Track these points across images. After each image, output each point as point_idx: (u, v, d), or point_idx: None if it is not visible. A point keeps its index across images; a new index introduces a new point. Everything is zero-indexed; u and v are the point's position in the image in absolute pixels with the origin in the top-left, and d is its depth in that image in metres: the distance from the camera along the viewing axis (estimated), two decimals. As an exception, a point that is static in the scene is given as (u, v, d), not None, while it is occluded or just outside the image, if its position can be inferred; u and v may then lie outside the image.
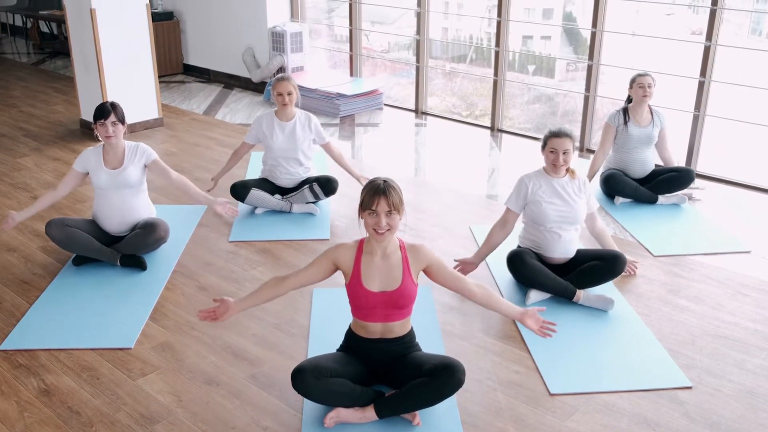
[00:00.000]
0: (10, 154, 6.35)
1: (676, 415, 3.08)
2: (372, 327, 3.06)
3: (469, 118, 7.72)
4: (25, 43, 11.72)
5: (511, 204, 4.05)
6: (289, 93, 4.97)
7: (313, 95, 7.68)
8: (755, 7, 6.90)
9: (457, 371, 2.91)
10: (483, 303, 3.14)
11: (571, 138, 3.91)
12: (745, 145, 6.74)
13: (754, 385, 3.28)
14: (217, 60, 9.09)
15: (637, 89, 5.21)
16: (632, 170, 5.31)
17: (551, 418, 3.06)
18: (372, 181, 2.96)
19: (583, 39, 7.34)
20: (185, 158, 6.27)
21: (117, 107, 4.21)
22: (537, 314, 3.12)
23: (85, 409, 3.10)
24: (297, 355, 3.47)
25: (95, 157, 4.28)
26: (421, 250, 3.06)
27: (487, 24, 8.10)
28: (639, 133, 5.23)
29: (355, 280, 3.01)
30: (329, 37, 9.47)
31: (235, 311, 3.06)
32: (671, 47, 6.31)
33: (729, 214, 5.15)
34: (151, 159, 4.35)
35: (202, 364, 3.42)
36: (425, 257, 3.06)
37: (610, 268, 3.93)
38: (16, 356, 3.48)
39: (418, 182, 5.84)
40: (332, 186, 5.06)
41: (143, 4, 6.76)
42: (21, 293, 4.05)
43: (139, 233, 4.26)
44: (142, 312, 3.84)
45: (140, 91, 6.94)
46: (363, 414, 2.96)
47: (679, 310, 3.91)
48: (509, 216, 4.06)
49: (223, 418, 3.05)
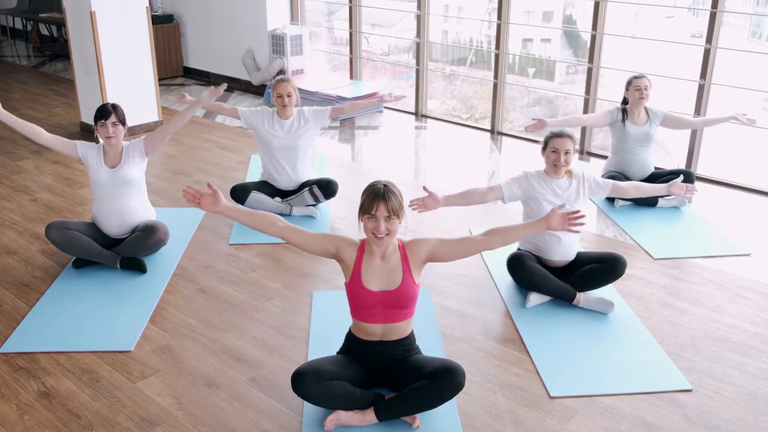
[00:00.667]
0: (10, 157, 6.35)
1: (676, 418, 3.08)
2: (372, 329, 3.06)
3: (469, 121, 7.72)
4: (25, 45, 11.73)
5: (504, 185, 4.00)
6: (289, 94, 4.97)
7: (313, 98, 7.69)
8: (755, 9, 6.89)
9: (457, 374, 2.90)
10: (505, 243, 3.10)
11: (571, 139, 3.92)
12: (745, 147, 6.75)
13: (754, 388, 3.28)
14: (217, 63, 9.10)
15: (633, 92, 5.22)
16: (632, 172, 5.31)
17: (551, 421, 3.06)
18: (372, 184, 2.96)
19: (583, 42, 7.35)
20: (185, 161, 6.27)
21: (118, 108, 4.22)
22: (558, 213, 3.06)
23: (85, 412, 3.10)
24: (297, 357, 3.47)
25: (96, 154, 4.27)
26: (418, 243, 3.06)
27: (487, 27, 8.10)
28: (637, 132, 5.24)
29: (356, 279, 3.01)
30: (329, 40, 9.48)
31: (221, 211, 3.00)
32: (671, 50, 6.31)
33: (729, 217, 5.16)
34: (142, 142, 4.31)
35: (202, 366, 3.42)
36: (424, 248, 3.05)
37: (610, 271, 3.93)
38: (16, 359, 3.47)
39: (418, 185, 5.83)
40: (332, 188, 5.06)
41: (143, 6, 6.76)
42: (21, 296, 4.05)
43: (138, 236, 4.26)
44: (142, 315, 3.84)
45: (140, 93, 6.95)
46: (363, 417, 2.96)
47: (680, 312, 3.91)
48: (496, 191, 3.98)
49: (223, 420, 3.05)
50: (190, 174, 5.92)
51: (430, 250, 3.05)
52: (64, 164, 6.15)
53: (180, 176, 5.87)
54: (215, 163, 6.19)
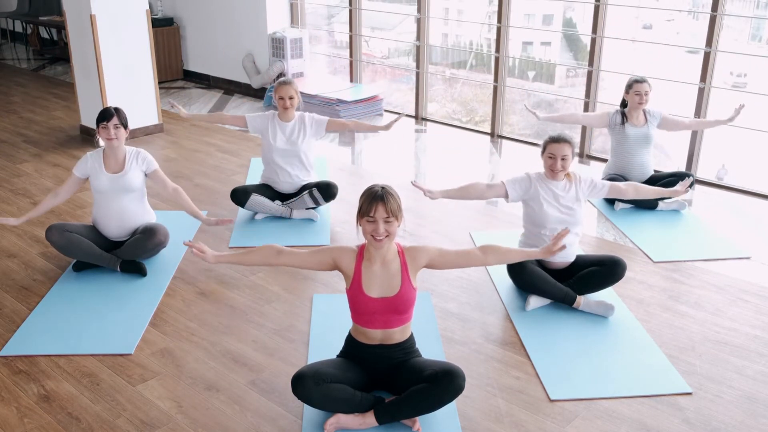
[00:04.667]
0: (10, 160, 6.35)
1: (676, 421, 3.08)
2: (372, 333, 3.06)
3: (469, 124, 7.73)
4: (25, 48, 11.74)
5: (507, 183, 4.00)
6: (291, 97, 4.98)
7: (314, 101, 7.69)
8: (755, 12, 6.90)
9: (457, 377, 2.91)
10: (502, 263, 3.17)
11: (570, 144, 3.92)
12: (745, 151, 6.75)
13: (754, 391, 3.28)
14: (217, 66, 9.10)
15: (633, 96, 5.22)
16: (631, 175, 5.32)
17: (551, 424, 3.06)
18: (370, 187, 2.96)
19: (583, 45, 7.36)
20: (185, 164, 6.28)
21: (120, 111, 4.24)
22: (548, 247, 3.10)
23: (85, 415, 3.10)
24: (297, 361, 3.47)
25: (95, 161, 4.28)
26: (419, 251, 3.06)
27: (487, 30, 8.12)
28: (636, 133, 5.25)
29: (356, 286, 3.01)
30: (329, 43, 9.49)
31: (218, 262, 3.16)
32: (671, 53, 6.32)
33: (729, 220, 5.16)
34: (152, 169, 4.36)
35: (202, 369, 3.42)
36: (424, 256, 3.06)
37: (610, 274, 3.93)
38: (16, 362, 3.47)
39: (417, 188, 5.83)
40: (332, 191, 5.06)
41: (143, 10, 6.77)
42: (21, 299, 4.05)
43: (139, 238, 4.26)
44: (142, 318, 3.84)
45: (140, 97, 6.95)
46: (363, 420, 2.96)
47: (679, 316, 3.91)
48: (498, 188, 3.99)
49: (223, 424, 3.05)
50: (191, 177, 5.92)
51: (429, 258, 3.07)
52: (64, 167, 6.15)
53: (180, 179, 5.87)
54: (215, 167, 6.19)
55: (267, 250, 3.13)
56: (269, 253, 3.12)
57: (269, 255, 3.12)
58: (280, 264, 3.12)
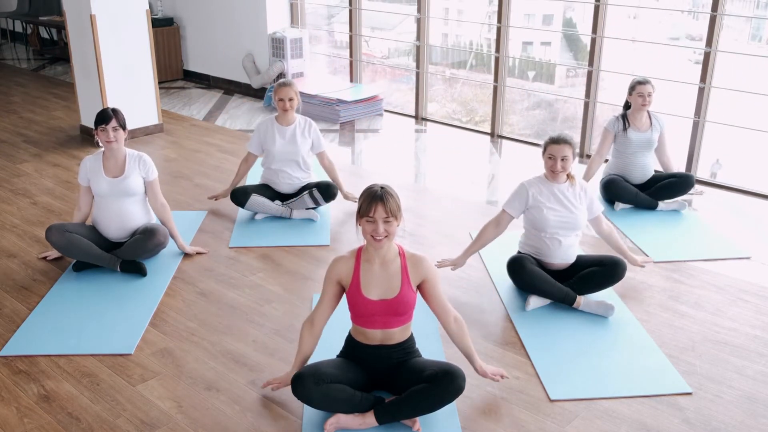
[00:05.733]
0: (10, 160, 6.35)
1: (676, 421, 3.08)
2: (372, 333, 3.06)
3: (469, 124, 7.73)
4: (25, 48, 11.74)
5: (508, 207, 4.05)
6: (291, 98, 4.98)
7: (314, 101, 7.69)
8: (755, 12, 6.89)
9: (457, 377, 2.91)
10: (454, 341, 3.17)
11: (570, 145, 3.91)
12: (745, 151, 6.75)
13: (754, 391, 3.28)
14: (217, 66, 9.10)
15: (636, 98, 5.20)
16: (632, 176, 5.31)
17: (551, 424, 3.06)
18: (369, 187, 2.96)
19: (583, 45, 7.35)
20: (185, 164, 6.27)
21: (118, 113, 4.23)
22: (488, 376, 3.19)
23: (85, 415, 3.10)
24: (297, 361, 3.47)
25: (94, 164, 4.28)
26: (422, 264, 3.05)
27: (487, 30, 8.11)
28: (639, 138, 5.23)
29: (355, 288, 3.01)
30: (329, 43, 9.49)
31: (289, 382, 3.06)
32: (671, 53, 6.32)
33: (729, 220, 5.16)
34: (151, 178, 4.36)
35: (202, 369, 3.42)
36: (425, 271, 3.05)
37: (611, 274, 3.93)
38: (16, 362, 3.47)
39: (418, 188, 5.84)
40: (332, 191, 5.06)
41: (143, 10, 6.77)
42: (21, 299, 4.05)
43: (138, 239, 4.26)
44: (142, 318, 3.84)
45: (140, 96, 6.95)
46: (363, 420, 2.96)
47: (679, 316, 3.91)
48: (504, 218, 4.06)
49: (223, 424, 3.05)
50: (191, 177, 5.92)
51: (426, 278, 3.06)
52: (64, 167, 6.15)
53: (180, 179, 5.88)
54: (216, 167, 6.19)
55: (306, 334, 3.11)
56: (309, 335, 3.10)
57: (312, 336, 3.11)
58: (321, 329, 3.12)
